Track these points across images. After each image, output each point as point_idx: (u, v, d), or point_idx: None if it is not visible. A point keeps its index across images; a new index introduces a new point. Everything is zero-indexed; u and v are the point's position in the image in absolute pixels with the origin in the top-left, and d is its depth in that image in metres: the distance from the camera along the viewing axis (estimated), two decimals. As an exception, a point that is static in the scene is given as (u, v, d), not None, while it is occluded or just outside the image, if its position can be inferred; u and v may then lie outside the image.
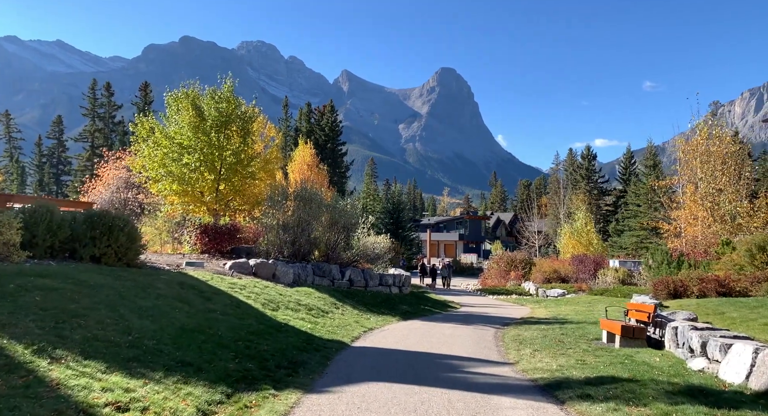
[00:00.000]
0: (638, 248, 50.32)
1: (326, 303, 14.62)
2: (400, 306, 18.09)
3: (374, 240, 21.24)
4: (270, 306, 11.73)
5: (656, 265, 22.97)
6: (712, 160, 28.15)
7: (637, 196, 54.16)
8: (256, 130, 20.20)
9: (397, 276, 21.57)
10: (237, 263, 15.50)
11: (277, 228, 18.53)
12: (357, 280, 19.18)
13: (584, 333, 12.54)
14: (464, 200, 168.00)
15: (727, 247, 22.20)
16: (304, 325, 10.98)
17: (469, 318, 17.23)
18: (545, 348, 9.98)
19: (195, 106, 18.81)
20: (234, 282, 12.74)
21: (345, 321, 13.18)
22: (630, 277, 29.84)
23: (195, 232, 18.24)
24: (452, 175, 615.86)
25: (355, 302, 16.52)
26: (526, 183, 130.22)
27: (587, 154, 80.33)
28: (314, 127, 54.36)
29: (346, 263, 20.40)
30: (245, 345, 7.87)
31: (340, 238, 20.00)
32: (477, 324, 14.92)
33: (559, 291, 29.88)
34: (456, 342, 11.13)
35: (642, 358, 8.42)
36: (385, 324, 13.97)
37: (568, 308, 21.44)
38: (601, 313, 18.84)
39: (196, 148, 18.40)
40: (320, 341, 9.89)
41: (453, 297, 28.31)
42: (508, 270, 39.64)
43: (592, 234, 40.56)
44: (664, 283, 15.98)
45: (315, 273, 17.97)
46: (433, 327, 13.78)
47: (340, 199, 20.20)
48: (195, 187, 18.83)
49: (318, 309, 13.45)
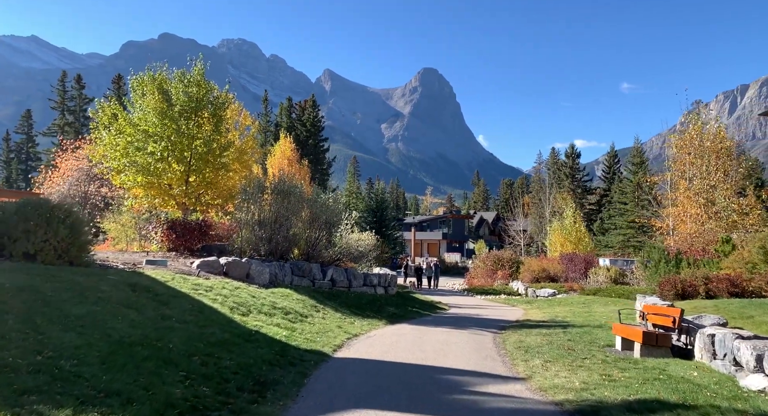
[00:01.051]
0: (625, 247, 49.70)
1: (305, 306, 13.13)
2: (386, 308, 16.67)
3: (358, 238, 19.78)
4: (240, 311, 10.20)
5: (653, 264, 21.91)
6: (706, 155, 27.26)
7: (623, 193, 53.60)
8: (229, 118, 18.59)
9: (383, 275, 20.15)
10: (206, 262, 13.91)
11: (252, 224, 16.96)
12: (340, 280, 17.71)
13: (593, 338, 11.25)
14: (447, 199, 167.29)
15: (727, 245, 21.23)
16: (278, 332, 9.48)
17: (461, 321, 15.88)
18: (557, 359, 8.64)
19: (162, 90, 17.13)
20: (199, 282, 11.17)
21: (326, 326, 11.71)
22: (622, 277, 28.87)
23: (161, 228, 16.56)
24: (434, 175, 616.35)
25: (338, 304, 15.05)
26: (508, 182, 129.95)
27: (571, 153, 79.90)
28: (295, 122, 52.66)
29: (328, 262, 18.91)
30: (202, 362, 6.36)
31: (322, 235, 18.50)
32: (471, 329, 13.57)
33: (549, 290, 28.76)
34: (453, 350, 9.73)
35: (677, 372, 7.12)
36: (371, 329, 12.53)
37: (563, 309, 20.25)
38: (600, 315, 17.67)
39: (163, 136, 16.73)
40: (297, 352, 8.42)
41: (440, 297, 26.99)
42: (495, 269, 38.48)
43: (581, 232, 39.60)
44: (670, 283, 14.81)
45: (294, 273, 16.45)
46: (424, 332, 12.38)
47: (321, 193, 18.68)
48: (162, 178, 17.16)
49: (296, 313, 11.96)
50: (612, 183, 75.54)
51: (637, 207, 49.04)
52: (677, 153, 28.33)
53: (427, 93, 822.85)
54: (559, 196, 55.88)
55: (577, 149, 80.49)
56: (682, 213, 28.26)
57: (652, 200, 37.61)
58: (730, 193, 26.71)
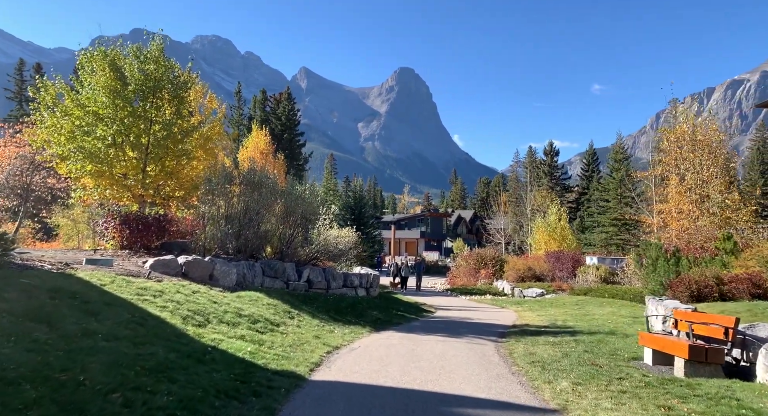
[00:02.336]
0: (607, 245, 48.94)
1: (277, 312, 11.30)
2: (369, 312, 14.92)
3: (337, 234, 17.97)
4: (195, 321, 8.33)
5: (650, 262, 20.60)
6: (698, 149, 26.22)
7: (605, 191, 52.83)
8: (193, 101, 16.58)
9: (365, 275, 18.40)
10: (161, 261, 11.96)
11: (218, 219, 15.04)
12: (317, 281, 15.89)
13: (612, 349, 9.69)
14: (424, 198, 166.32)
15: (728, 242, 20.07)
16: (242, 348, 7.66)
17: (453, 326, 14.23)
18: (587, 379, 7.02)
19: (114, 67, 15.04)
20: (147, 286, 9.25)
21: (302, 337, 9.91)
22: (612, 276, 27.74)
23: (112, 223, 14.50)
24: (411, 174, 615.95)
25: (315, 309, 13.25)
26: (485, 181, 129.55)
27: (550, 150, 79.34)
28: (270, 116, 50.46)
29: (304, 261, 17.08)
30: (125, 401, 4.51)
31: (297, 231, 16.65)
32: (467, 336, 11.92)
33: (537, 290, 27.42)
34: (455, 367, 8.05)
35: (754, 402, 5.55)
36: (354, 338, 10.77)
37: (557, 311, 18.81)
38: (601, 318, 16.22)
39: (115, 118, 14.64)
40: (264, 374, 6.62)
41: (423, 298, 25.37)
42: (477, 268, 37.09)
43: (566, 230, 38.50)
44: (684, 283, 13.39)
45: (265, 274, 14.57)
46: (416, 342, 10.67)
47: (296, 184, 16.79)
48: (114, 167, 15.07)
49: (266, 322, 10.12)
50: (590, 181, 75.16)
51: (620, 204, 48.30)
52: (669, 146, 27.26)
53: (404, 92, 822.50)
54: (538, 194, 54.94)
55: (555, 147, 79.95)
56: (674, 210, 27.19)
57: (635, 197, 36.72)
58: (723, 188, 25.75)
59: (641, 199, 35.50)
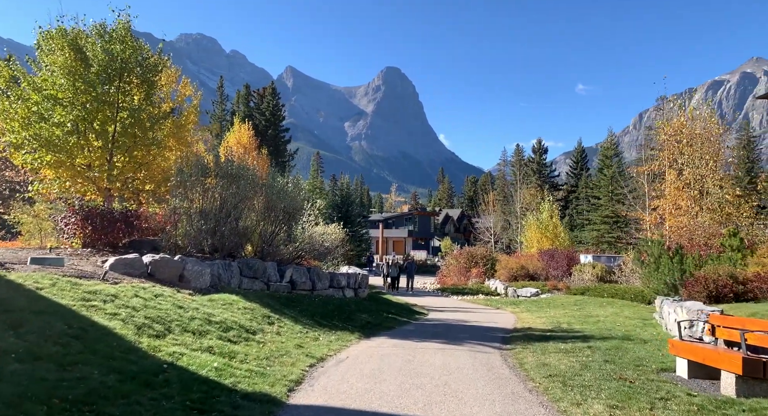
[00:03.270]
0: (599, 243, 48.14)
1: (255, 318, 9.99)
2: (358, 315, 13.65)
3: (323, 231, 16.67)
4: (152, 331, 7.00)
5: (652, 260, 19.59)
6: (697, 142, 25.32)
7: (597, 188, 52.05)
8: (165, 86, 15.17)
9: (352, 275, 17.13)
10: (123, 260, 10.57)
11: (192, 215, 13.66)
12: (301, 282, 14.56)
13: (635, 358, 8.54)
14: (412, 197, 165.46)
15: (734, 239, 19.15)
16: (207, 363, 6.36)
17: (450, 330, 13.02)
18: (621, 400, 5.83)
19: (75, 46, 13.58)
20: (97, 289, 7.88)
21: (282, 346, 8.62)
22: (609, 274, 26.78)
23: (74, 219, 13.05)
24: (398, 174, 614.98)
25: (298, 313, 11.95)
26: (473, 179, 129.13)
27: (538, 148, 78.64)
28: (253, 111, 48.92)
29: (287, 260, 15.76)
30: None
31: (280, 228, 15.32)
32: (468, 342, 10.71)
33: (531, 290, 26.37)
34: (461, 384, 6.82)
35: None
36: (341, 347, 9.49)
37: (557, 312, 17.70)
38: (607, 320, 15.05)
39: (75, 103, 13.20)
40: (229, 399, 5.33)
41: (414, 298, 24.18)
42: (468, 267, 36.00)
43: (558, 227, 37.53)
44: (701, 283, 12.31)
45: (243, 274, 13.22)
46: (412, 350, 9.42)
47: (278, 176, 15.42)
48: (75, 156, 13.62)
49: (240, 329, 8.81)
50: (579, 179, 74.60)
51: (611, 201, 47.53)
52: (666, 140, 26.33)
53: (390, 92, 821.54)
54: (527, 192, 54.11)
55: (544, 144, 79.23)
56: (671, 206, 26.28)
57: (628, 194, 35.88)
58: (723, 182, 24.90)
59: (633, 195, 34.67)
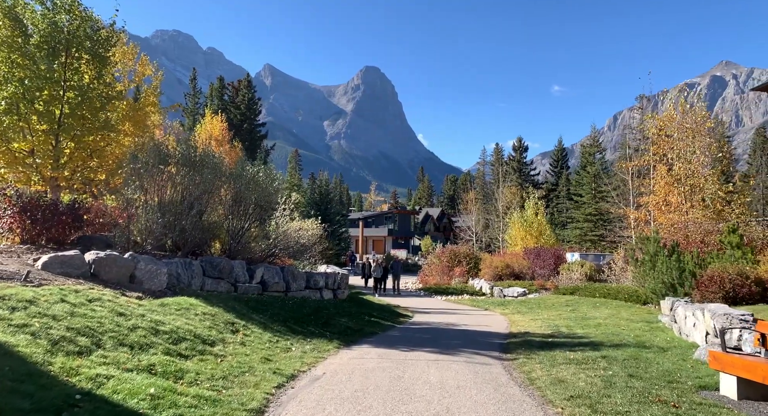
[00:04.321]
0: (582, 241, 47.47)
1: (216, 325, 8.50)
2: (337, 319, 12.22)
3: (299, 227, 15.17)
4: (71, 347, 5.47)
5: (648, 258, 18.60)
6: (689, 137, 24.46)
7: (579, 185, 51.37)
8: (120, 63, 13.51)
9: (331, 275, 15.67)
10: (59, 258, 8.96)
11: (147, 207, 12.06)
12: (273, 283, 13.07)
13: (663, 372, 7.28)
14: (391, 196, 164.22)
15: (734, 235, 18.24)
16: (141, 388, 4.87)
17: (440, 336, 11.68)
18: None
19: (12, 16, 11.87)
20: (6, 294, 6.28)
21: (244, 360, 7.15)
22: (598, 273, 25.85)
23: (9, 211, 11.35)
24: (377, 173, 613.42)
25: (269, 318, 10.48)
26: (452, 178, 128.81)
27: (519, 146, 78.11)
28: (228, 105, 47.03)
29: (259, 258, 14.26)
30: None
31: (250, 223, 13.79)
32: (462, 351, 9.37)
33: (518, 289, 25.25)
34: (466, 411, 5.46)
35: None
36: (316, 360, 8.06)
37: (551, 314, 16.51)
38: (609, 323, 13.81)
39: (11, 79, 11.50)
40: (162, 445, 3.86)
41: (397, 299, 22.86)
42: (451, 266, 34.81)
43: (543, 225, 36.59)
44: (716, 282, 11.17)
45: (207, 274, 11.68)
46: (400, 364, 8.04)
47: (248, 165, 13.86)
48: (14, 141, 11.92)
49: (195, 340, 7.32)
50: (559, 177, 74.31)
51: (595, 199, 46.93)
52: (656, 134, 25.46)
53: (370, 91, 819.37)
54: (508, 191, 53.31)
55: (524, 142, 78.69)
56: (661, 202, 25.41)
57: (612, 191, 35.11)
58: (716, 178, 24.08)
59: (618, 192, 33.93)
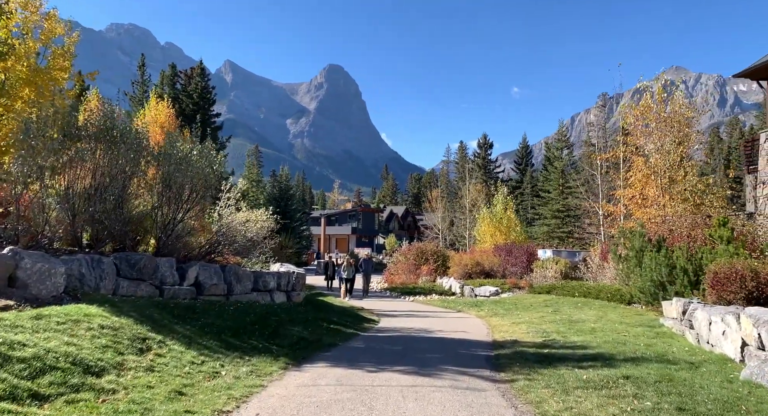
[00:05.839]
0: (550, 238, 46.57)
1: (115, 343, 6.23)
2: (288, 328, 10.05)
3: (246, 218, 12.89)
4: None
5: (633, 254, 17.17)
6: (668, 126, 23.29)
7: (547, 181, 50.47)
8: (13, 12, 10.94)
9: (285, 274, 13.46)
10: None
11: (45, 191, 9.60)
12: (211, 285, 10.78)
13: (714, 400, 5.47)
14: (355, 195, 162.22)
15: (724, 229, 16.94)
16: None
17: (413, 346, 9.68)
18: None
19: None
20: None
21: (143, 396, 4.95)
22: (573, 270, 24.46)
23: None
24: (341, 172, 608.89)
25: (199, 329, 8.24)
26: (417, 177, 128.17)
27: (484, 143, 77.28)
28: (180, 94, 43.89)
29: (197, 255, 11.93)
30: None
31: (184, 213, 11.45)
32: (444, 370, 7.38)
33: (491, 288, 23.60)
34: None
35: None
36: (251, 391, 5.89)
37: (532, 316, 14.79)
38: (603, 329, 11.97)
39: None
40: None
41: (362, 301, 20.82)
42: (418, 264, 32.99)
43: (512, 220, 35.20)
44: (736, 281, 9.44)
45: (123, 274, 9.31)
46: (367, 393, 5.96)
47: (179, 141, 11.47)
48: None
49: (70, 369, 5.06)
50: (524, 174, 73.90)
51: (562, 195, 46.05)
52: (633, 124, 24.24)
53: (333, 90, 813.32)
54: (473, 188, 52.18)
55: (489, 139, 77.89)
56: (638, 196, 24.21)
57: (580, 186, 34.07)
58: (694, 170, 23.02)
59: (586, 188, 32.86)
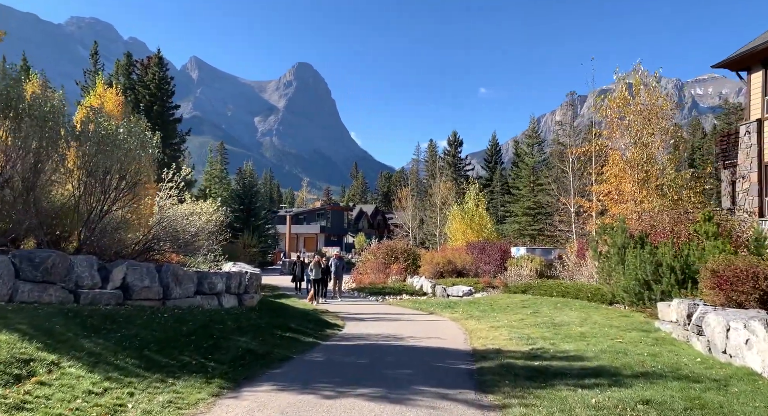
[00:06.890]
0: (521, 235, 45.89)
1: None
2: (233, 339, 8.44)
3: (190, 211, 11.19)
4: None
5: (615, 251, 16.15)
6: (645, 119, 22.50)
7: (518, 178, 49.81)
8: None
9: (235, 275, 11.78)
10: None
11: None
12: (141, 287, 9.07)
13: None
14: (324, 193, 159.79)
15: (709, 224, 16.07)
16: None
17: (382, 359, 8.22)
18: None
19: None
20: None
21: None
22: (549, 269, 23.46)
23: None
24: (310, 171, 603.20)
25: (115, 344, 6.59)
26: (387, 175, 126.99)
27: (454, 140, 76.58)
28: (136, 84, 41.41)
29: (133, 253, 10.22)
30: None
31: (111, 203, 9.72)
32: (419, 393, 5.93)
33: (464, 288, 22.37)
34: None
35: None
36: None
37: (511, 319, 13.52)
38: (595, 333, 10.61)
39: None
40: None
41: (327, 304, 19.24)
42: (388, 262, 31.62)
43: (484, 217, 34.15)
44: (748, 281, 8.22)
45: (24, 276, 7.55)
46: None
47: (104, 118, 9.70)
48: None
49: None
50: (494, 172, 73.49)
51: (533, 192, 45.41)
52: (610, 116, 23.41)
53: (302, 88, 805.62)
54: (444, 186, 51.32)
55: (459, 137, 77.20)
56: (614, 191, 23.38)
57: (552, 182, 33.34)
58: (674, 164, 22.30)
59: (558, 184, 32.10)
